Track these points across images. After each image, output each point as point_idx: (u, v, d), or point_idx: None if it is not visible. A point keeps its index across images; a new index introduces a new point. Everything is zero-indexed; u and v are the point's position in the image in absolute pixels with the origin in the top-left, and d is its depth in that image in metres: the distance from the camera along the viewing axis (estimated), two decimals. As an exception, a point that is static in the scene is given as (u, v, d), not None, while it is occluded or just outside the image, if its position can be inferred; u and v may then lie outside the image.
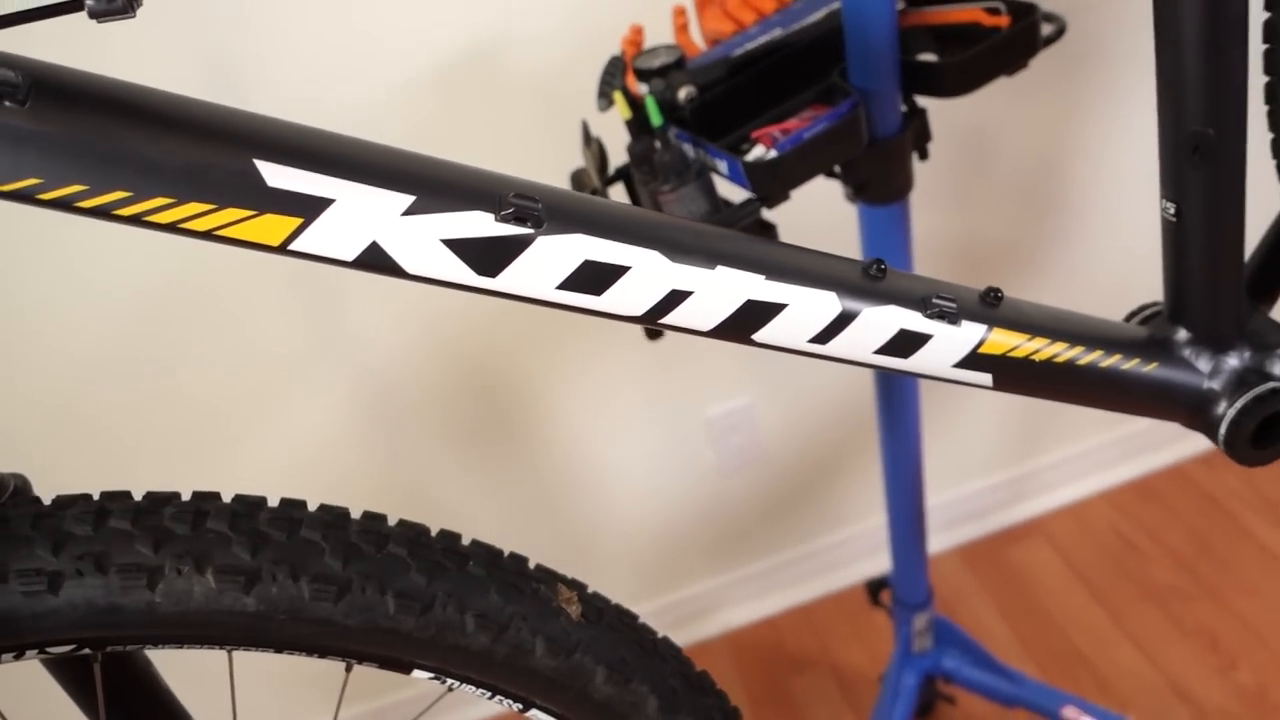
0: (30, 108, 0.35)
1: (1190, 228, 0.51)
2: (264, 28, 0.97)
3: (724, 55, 0.82)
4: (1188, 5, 0.45)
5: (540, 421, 1.35)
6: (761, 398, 1.44)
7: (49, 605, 0.44)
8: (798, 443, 1.50)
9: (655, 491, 1.47)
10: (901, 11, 0.84)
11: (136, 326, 1.10)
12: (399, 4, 1.00)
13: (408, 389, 1.26)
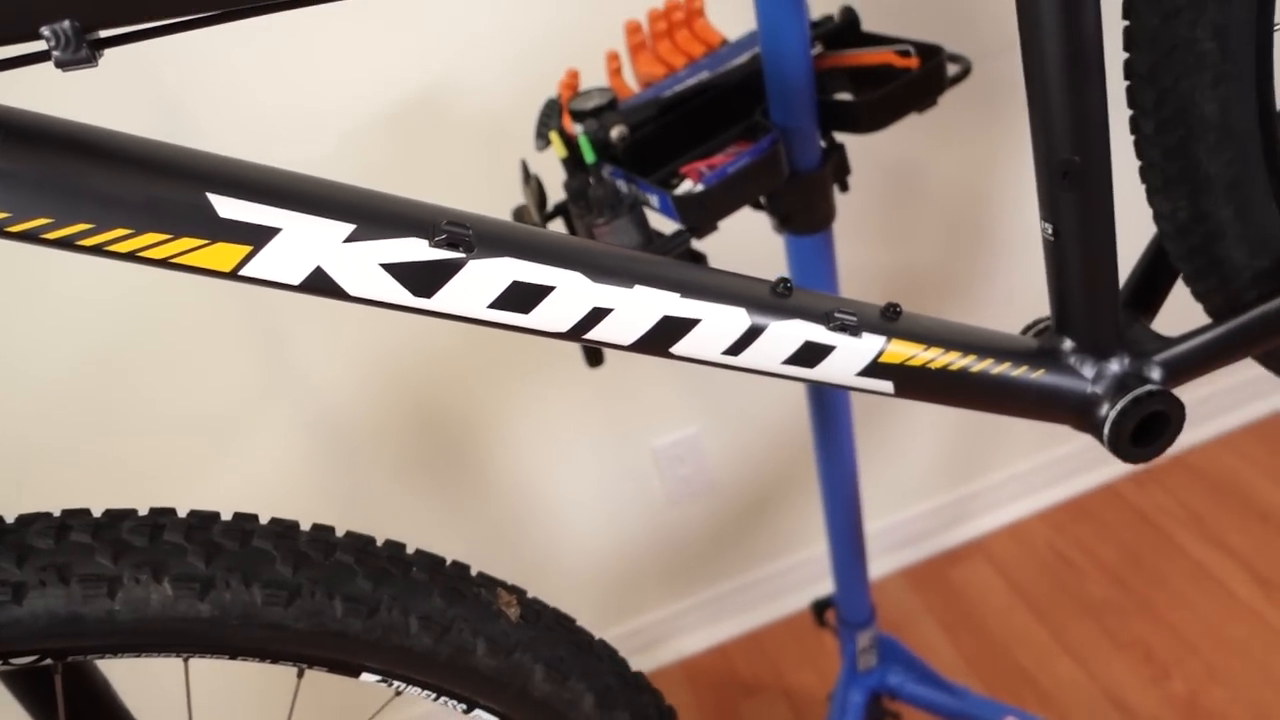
0: (3, 149, 0.39)
1: (1066, 246, 0.56)
2: (221, 74, 1.01)
3: (655, 96, 0.87)
4: (1050, 47, 0.51)
5: (490, 454, 1.38)
6: (707, 427, 1.49)
7: (13, 615, 0.47)
8: (744, 471, 1.54)
9: (606, 522, 1.51)
10: (820, 55, 0.90)
11: (92, 363, 1.12)
12: (352, 54, 1.04)
13: (359, 424, 1.29)
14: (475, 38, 1.08)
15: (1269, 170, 0.57)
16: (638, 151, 0.83)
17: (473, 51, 1.08)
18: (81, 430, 1.16)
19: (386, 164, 1.10)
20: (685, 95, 0.86)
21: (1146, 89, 0.55)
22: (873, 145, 0.97)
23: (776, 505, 1.59)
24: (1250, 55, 0.53)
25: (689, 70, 0.90)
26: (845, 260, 1.32)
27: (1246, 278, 0.60)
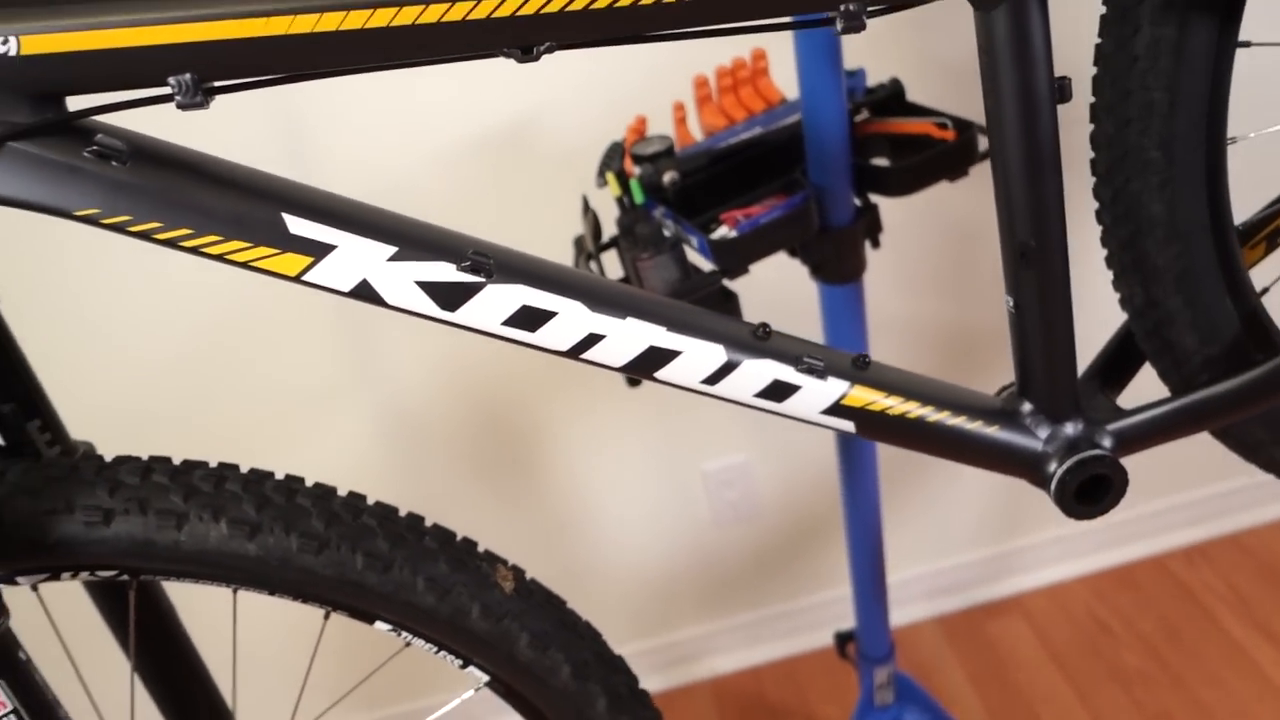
0: (129, 167, 0.50)
1: (1025, 319, 0.63)
2: (327, 100, 1.14)
3: (709, 147, 0.97)
4: (1011, 147, 0.58)
5: (545, 463, 1.49)
6: (757, 456, 1.56)
7: (101, 535, 0.58)
8: (790, 502, 1.61)
9: (652, 537, 1.60)
10: (865, 120, 0.98)
11: (202, 340, 1.27)
12: (449, 88, 1.16)
13: (431, 421, 1.41)
14: (565, 81, 1.19)
15: (1221, 266, 0.63)
16: (686, 195, 0.92)
17: (561, 93, 1.19)
18: (186, 398, 1.31)
19: (470, 182, 1.22)
20: (736, 148, 0.95)
21: (1104, 187, 0.62)
22: (940, 205, 1.04)
23: (819, 539, 1.65)
24: (1199, 162, 0.59)
25: (745, 124, 0.99)
26: (901, 310, 1.39)
27: (1197, 362, 0.66)
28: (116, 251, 0.96)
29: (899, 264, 1.33)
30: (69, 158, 0.50)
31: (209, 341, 1.27)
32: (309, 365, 1.33)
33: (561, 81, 1.19)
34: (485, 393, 1.40)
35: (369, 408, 1.37)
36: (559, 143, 1.20)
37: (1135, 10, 0.57)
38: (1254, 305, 0.66)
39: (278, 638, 1.12)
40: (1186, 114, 0.58)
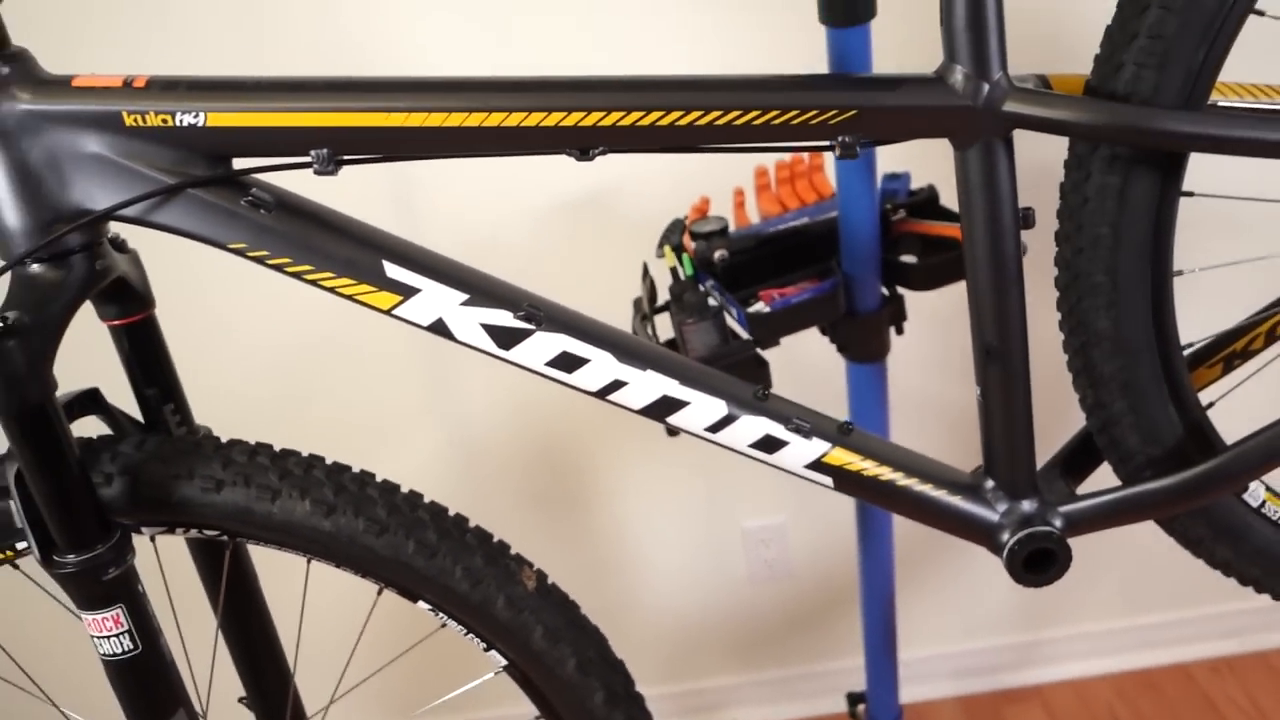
0: (273, 215, 0.67)
1: (990, 408, 0.75)
2: (433, 164, 1.31)
3: (760, 231, 1.10)
4: (981, 264, 0.71)
5: (595, 502, 1.62)
6: (796, 519, 1.67)
7: (212, 499, 0.74)
8: (822, 567, 1.71)
9: (688, 585, 1.71)
10: (901, 220, 1.10)
11: (300, 356, 1.44)
12: (538, 161, 1.33)
13: (492, 452, 1.56)
14: (642, 160, 1.34)
15: (1166, 379, 0.74)
16: (732, 272, 1.06)
17: (638, 170, 1.35)
18: (288, 398, 1.47)
19: (550, 241, 1.38)
20: (781, 234, 1.09)
21: (1063, 301, 0.73)
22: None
23: (847, 605, 1.74)
24: (1144, 290, 0.71)
25: (795, 214, 1.13)
26: (926, 389, 1.49)
27: (1140, 460, 0.76)
28: (247, 275, 1.13)
29: (932, 349, 1.44)
30: (230, 204, 0.66)
31: (313, 354, 1.45)
32: (394, 385, 1.49)
33: (639, 160, 1.34)
34: (546, 429, 1.55)
35: (440, 429, 1.53)
36: (629, 213, 1.35)
37: (1088, 159, 0.69)
38: (1197, 416, 0.76)
39: (334, 612, 1.27)
40: (1129, 249, 0.69)
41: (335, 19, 1.27)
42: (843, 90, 0.67)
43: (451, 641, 0.82)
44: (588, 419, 1.54)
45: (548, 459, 1.59)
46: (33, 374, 0.64)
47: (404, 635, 0.92)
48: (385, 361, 1.48)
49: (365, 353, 1.47)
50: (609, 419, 1.53)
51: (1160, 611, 1.77)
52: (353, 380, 1.49)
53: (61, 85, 0.64)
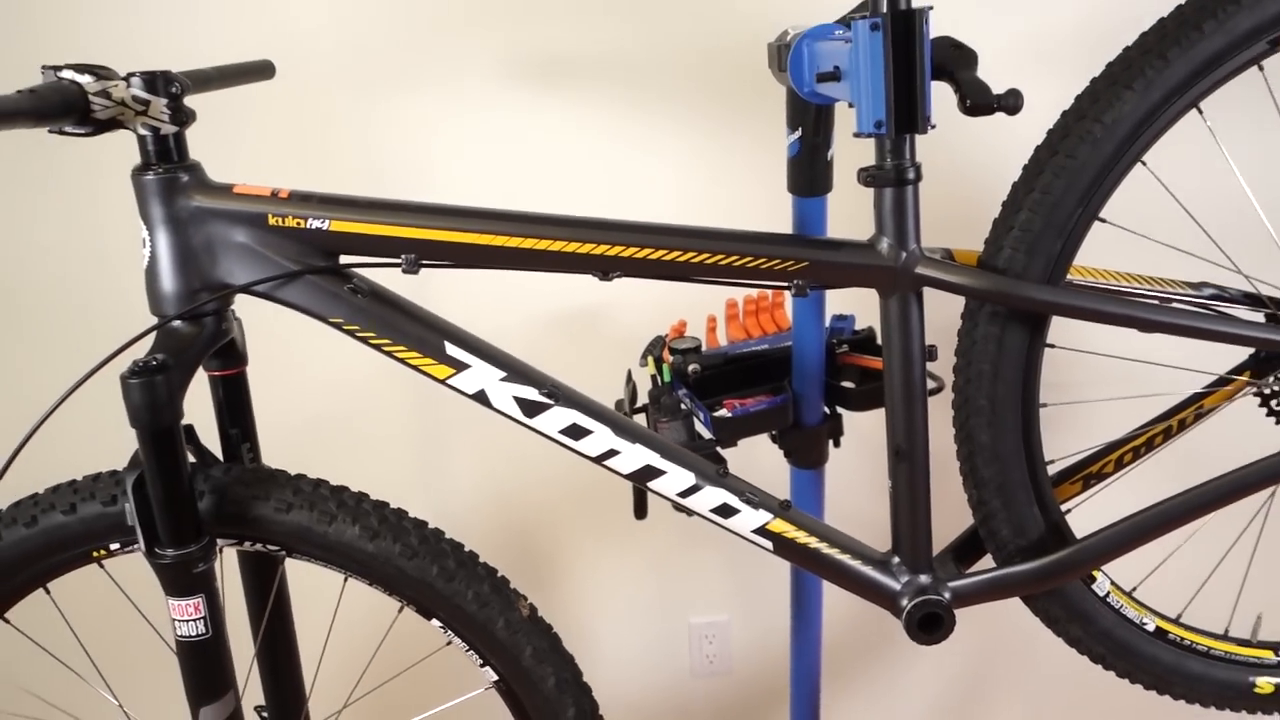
0: (366, 299, 0.89)
1: (898, 500, 0.98)
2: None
3: (726, 352, 1.34)
4: (895, 383, 0.95)
5: (557, 587, 1.81)
6: (739, 618, 1.88)
7: (282, 519, 0.94)
8: (761, 665, 1.90)
9: (633, 672, 1.89)
10: (845, 352, 1.35)
11: (299, 435, 1.64)
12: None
13: (468, 533, 1.74)
14: (635, 285, 1.59)
15: (1032, 485, 0.98)
16: (702, 383, 1.30)
17: (630, 293, 1.59)
18: (323, 449, 1.64)
19: (550, 343, 1.61)
20: (744, 356, 1.33)
21: (956, 417, 0.98)
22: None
23: (783, 703, 1.92)
24: (1016, 415, 0.95)
25: (758, 341, 1.37)
26: (866, 493, 1.71)
27: (1011, 549, 0.99)
28: (272, 364, 1.36)
29: (862, 461, 1.67)
30: (336, 289, 0.89)
31: (318, 431, 1.66)
32: (389, 464, 1.70)
33: (632, 284, 1.59)
34: (521, 516, 1.75)
35: (426, 504, 1.70)
36: (620, 327, 1.60)
37: (977, 313, 0.95)
38: (1056, 518, 1.00)
39: (337, 633, 1.44)
40: (1004, 383, 0.94)
41: (384, 144, 1.53)
42: (799, 247, 0.93)
43: (442, 664, 1.02)
44: (561, 511, 1.75)
45: (519, 542, 1.78)
46: (170, 403, 0.85)
47: (402, 656, 1.11)
48: (382, 442, 1.68)
49: (365, 433, 1.68)
50: (580, 512, 1.75)
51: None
52: (351, 455, 1.69)
53: (225, 190, 0.88)
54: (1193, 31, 0.86)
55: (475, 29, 1.51)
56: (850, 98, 0.89)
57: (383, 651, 1.12)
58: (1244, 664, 1.07)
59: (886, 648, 1.92)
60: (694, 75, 1.54)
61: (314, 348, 1.51)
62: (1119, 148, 0.89)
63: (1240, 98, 0.95)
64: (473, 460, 1.71)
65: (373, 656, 1.08)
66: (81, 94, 0.81)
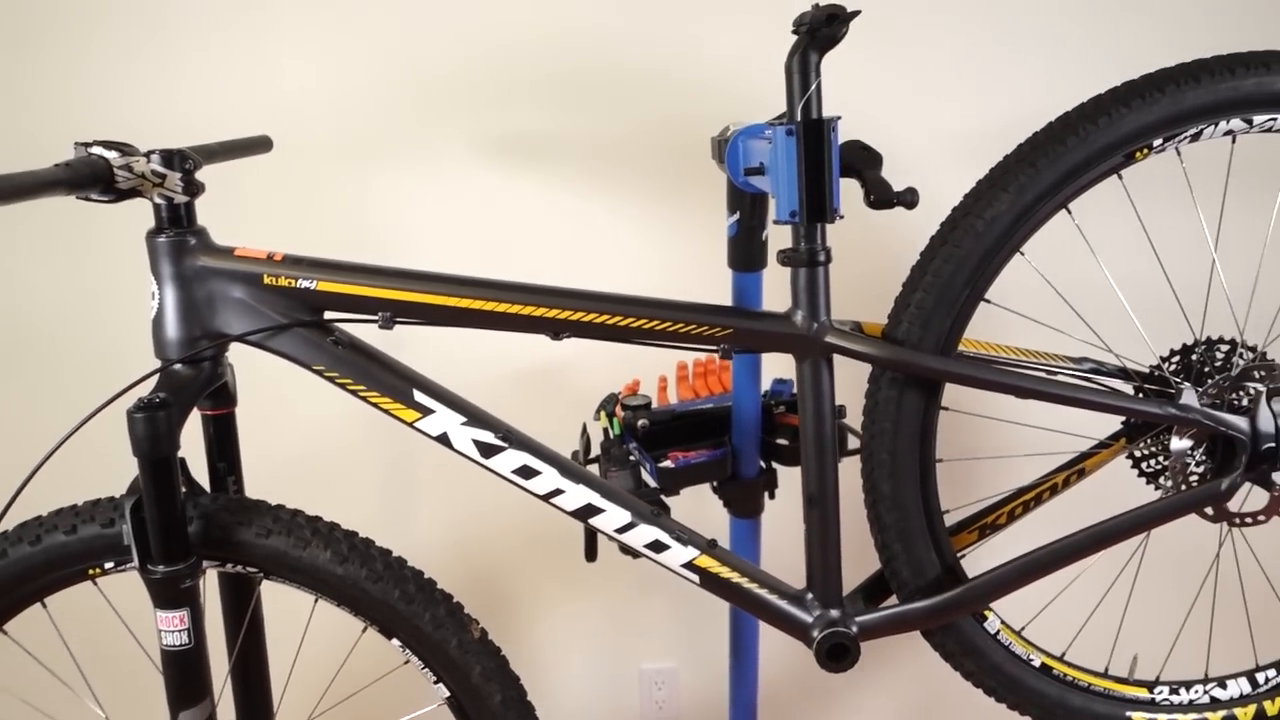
0: (345, 350, 1.04)
1: (811, 542, 1.12)
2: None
3: (674, 410, 1.49)
4: (809, 438, 1.09)
5: (512, 633, 1.93)
6: (688, 665, 2.00)
7: (261, 543, 1.07)
8: (708, 712, 2.02)
9: (584, 715, 2.00)
10: (782, 413, 1.50)
11: (273, 477, 1.77)
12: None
13: (431, 569, 1.88)
14: (592, 348, 1.74)
15: (929, 530, 1.12)
16: (649, 437, 1.44)
17: (588, 354, 1.74)
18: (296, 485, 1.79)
19: (512, 398, 1.75)
20: (690, 414, 1.48)
21: (864, 468, 1.12)
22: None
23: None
24: (915, 468, 1.10)
25: (704, 400, 1.52)
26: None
27: (911, 588, 1.13)
28: (253, 414, 1.49)
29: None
30: (319, 340, 1.04)
31: (291, 471, 1.78)
32: (356, 508, 1.82)
33: (589, 348, 1.74)
34: (480, 564, 1.88)
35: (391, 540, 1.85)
36: (578, 385, 1.75)
37: (880, 378, 1.10)
38: (951, 561, 1.14)
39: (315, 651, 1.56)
40: (903, 439, 1.09)
41: (370, 209, 1.69)
42: (725, 316, 1.08)
43: (399, 682, 1.14)
44: (520, 559, 1.88)
45: (480, 587, 1.90)
46: (169, 436, 0.98)
47: (363, 676, 1.23)
48: (355, 485, 1.81)
49: (339, 475, 1.81)
50: (538, 561, 1.88)
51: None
52: (326, 494, 1.80)
53: (226, 252, 1.03)
54: (1058, 145, 1.03)
55: (453, 111, 1.68)
56: (771, 190, 1.06)
57: (345, 672, 1.24)
58: (1121, 700, 1.20)
59: (824, 695, 2.04)
60: (648, 162, 1.71)
61: (296, 395, 1.64)
62: (998, 240, 1.05)
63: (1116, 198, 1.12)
64: (438, 507, 1.84)
65: (336, 672, 1.21)
66: (108, 167, 0.96)
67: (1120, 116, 1.02)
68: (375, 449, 1.79)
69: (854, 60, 1.33)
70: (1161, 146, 1.04)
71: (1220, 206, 1.27)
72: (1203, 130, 1.04)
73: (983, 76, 1.66)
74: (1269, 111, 1.03)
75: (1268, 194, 1.17)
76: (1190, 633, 1.40)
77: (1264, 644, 1.28)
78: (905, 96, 1.67)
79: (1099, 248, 1.23)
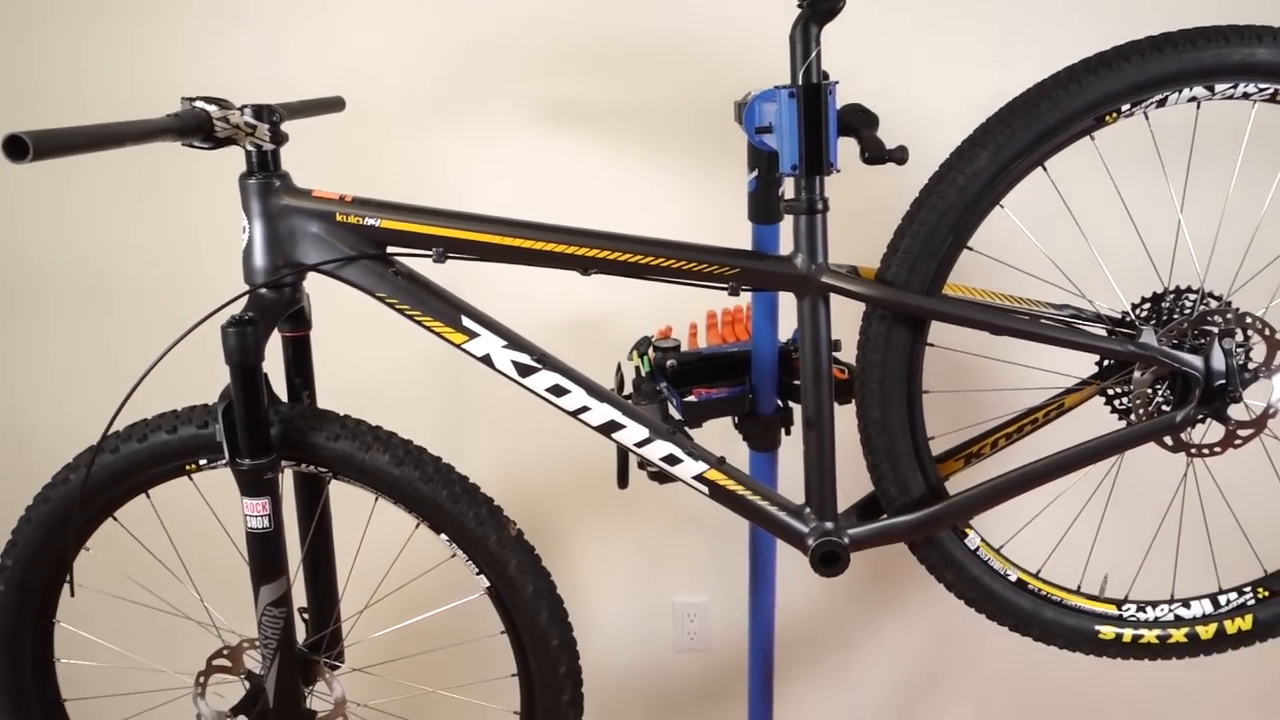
0: (405, 279, 1.22)
1: (809, 461, 1.28)
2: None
3: (700, 353, 1.66)
4: (808, 367, 1.25)
5: (553, 562, 2.12)
6: (718, 599, 2.17)
7: (330, 446, 1.27)
8: (737, 643, 2.19)
9: (620, 646, 2.19)
10: (798, 359, 1.65)
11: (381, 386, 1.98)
12: (559, 288, 1.90)
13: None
14: (631, 297, 1.92)
15: (915, 453, 1.27)
16: (677, 375, 1.61)
17: (627, 303, 1.92)
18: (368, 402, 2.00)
19: (558, 343, 1.93)
20: (715, 357, 1.64)
21: (858, 397, 1.28)
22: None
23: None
24: (902, 396, 1.25)
25: (730, 345, 1.68)
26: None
27: (898, 504, 1.29)
28: (341, 343, 1.69)
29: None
30: (382, 271, 1.23)
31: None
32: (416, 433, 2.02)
33: (626, 299, 1.92)
34: (525, 495, 2.07)
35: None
36: (616, 329, 1.92)
37: (871, 315, 1.25)
38: (935, 481, 1.30)
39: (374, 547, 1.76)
40: (891, 371, 1.24)
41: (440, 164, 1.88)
42: (735, 257, 1.24)
43: (446, 577, 1.33)
44: (561, 496, 2.06)
45: (523, 521, 2.09)
46: (256, 348, 1.18)
47: (413, 570, 1.43)
48: (409, 417, 2.00)
49: (397, 407, 2.00)
50: (578, 498, 2.06)
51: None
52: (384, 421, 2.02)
53: (305, 193, 1.21)
54: (1033, 109, 1.17)
55: (503, 76, 1.86)
56: (777, 146, 1.22)
57: (399, 566, 1.44)
58: (1091, 614, 1.35)
59: (841, 645, 2.20)
60: (678, 123, 1.88)
61: (364, 333, 1.84)
62: (979, 194, 1.19)
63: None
64: (488, 442, 2.03)
65: (392, 564, 1.40)
66: (209, 119, 1.15)
67: (1090, 83, 1.16)
68: (431, 389, 1.99)
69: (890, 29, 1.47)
70: (1130, 111, 1.18)
71: (1186, 169, 1.40)
72: (1168, 97, 1.17)
73: (1000, 43, 1.80)
74: (1228, 80, 1.16)
75: (1233, 158, 1.29)
76: (1160, 558, 1.53)
77: (1227, 569, 1.41)
78: (926, 64, 1.82)
79: (1084, 208, 1.37)
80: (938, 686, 2.23)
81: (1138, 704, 2.19)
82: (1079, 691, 2.18)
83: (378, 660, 1.54)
